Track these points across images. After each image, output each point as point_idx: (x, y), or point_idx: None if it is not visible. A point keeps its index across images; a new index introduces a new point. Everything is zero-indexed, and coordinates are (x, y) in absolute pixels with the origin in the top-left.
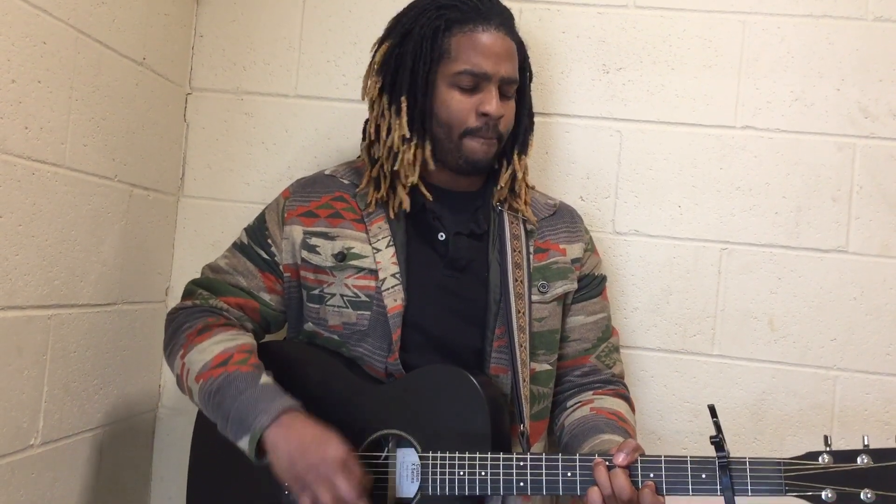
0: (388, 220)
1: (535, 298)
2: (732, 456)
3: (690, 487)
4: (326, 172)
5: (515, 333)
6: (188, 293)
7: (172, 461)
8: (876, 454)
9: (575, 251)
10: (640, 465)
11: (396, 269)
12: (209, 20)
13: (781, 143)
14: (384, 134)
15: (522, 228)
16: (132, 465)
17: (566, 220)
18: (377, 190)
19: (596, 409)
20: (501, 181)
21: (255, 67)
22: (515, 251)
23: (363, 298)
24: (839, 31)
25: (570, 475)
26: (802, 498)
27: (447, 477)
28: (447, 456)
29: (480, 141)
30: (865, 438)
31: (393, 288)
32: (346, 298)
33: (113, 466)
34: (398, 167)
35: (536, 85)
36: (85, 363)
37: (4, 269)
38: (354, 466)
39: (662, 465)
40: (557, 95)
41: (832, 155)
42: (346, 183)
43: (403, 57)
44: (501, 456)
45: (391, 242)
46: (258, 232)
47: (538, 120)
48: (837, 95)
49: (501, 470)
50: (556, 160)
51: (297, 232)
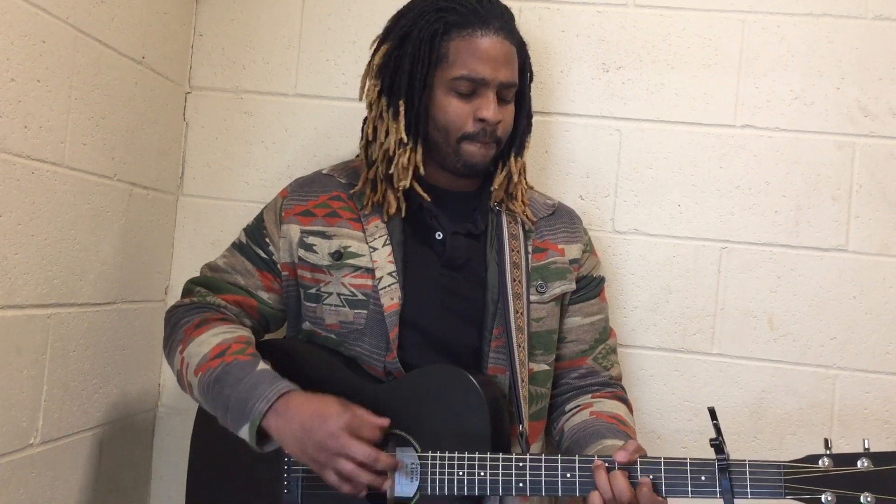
0: (384, 219)
1: (533, 298)
2: (732, 458)
3: (690, 489)
4: (324, 172)
5: (513, 333)
6: (187, 291)
7: (172, 460)
8: (876, 458)
9: (573, 252)
10: (639, 466)
11: (393, 267)
12: (208, 19)
13: (781, 141)
14: (381, 136)
15: (520, 228)
16: (132, 464)
17: (565, 220)
18: (373, 192)
19: (596, 413)
20: (496, 182)
21: (254, 66)
22: (514, 251)
23: (360, 297)
24: (839, 29)
25: (569, 476)
26: (802, 501)
27: (446, 477)
28: (446, 456)
29: (478, 146)
30: (866, 441)
31: (389, 287)
32: (342, 297)
33: (112, 465)
34: (392, 171)
35: (536, 84)
36: (84, 362)
37: (4, 268)
38: (360, 425)
39: (662, 466)
40: (557, 94)
41: (832, 154)
42: (343, 182)
43: (402, 60)
44: (501, 456)
45: (388, 241)
46: (256, 231)
47: (538, 119)
48: (837, 94)
49: (500, 470)
50: (555, 159)
51: (294, 231)
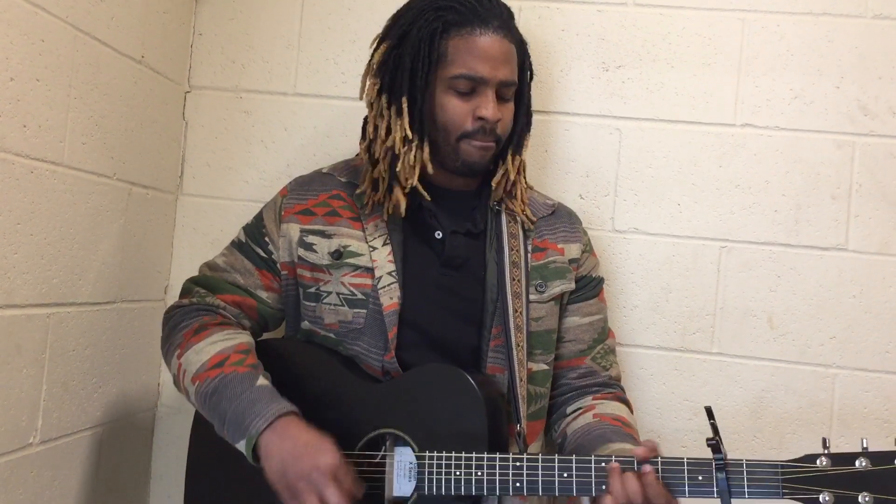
0: (384, 218)
1: (532, 298)
2: (730, 458)
3: (687, 489)
4: (324, 171)
5: (512, 333)
6: (186, 291)
7: (171, 459)
8: (874, 457)
9: (573, 251)
10: (634, 465)
11: (392, 267)
12: (208, 18)
13: (781, 140)
14: (382, 134)
15: (520, 228)
16: (131, 463)
17: (564, 220)
18: (375, 191)
19: (599, 415)
20: (495, 181)
21: (254, 65)
22: (513, 250)
23: (359, 296)
24: (838, 28)
25: (565, 476)
26: (800, 501)
27: (443, 476)
28: (444, 455)
29: (478, 144)
30: (864, 441)
31: (389, 286)
32: (342, 296)
33: (112, 465)
34: (399, 168)
35: (536, 83)
36: (84, 361)
37: (3, 267)
38: (346, 476)
39: (659, 465)
40: (557, 93)
41: (831, 153)
42: (343, 181)
43: (402, 58)
44: (498, 456)
45: (387, 241)
46: (256, 230)
47: (537, 118)
48: (837, 93)
49: (498, 470)
50: (555, 158)
51: (293, 230)
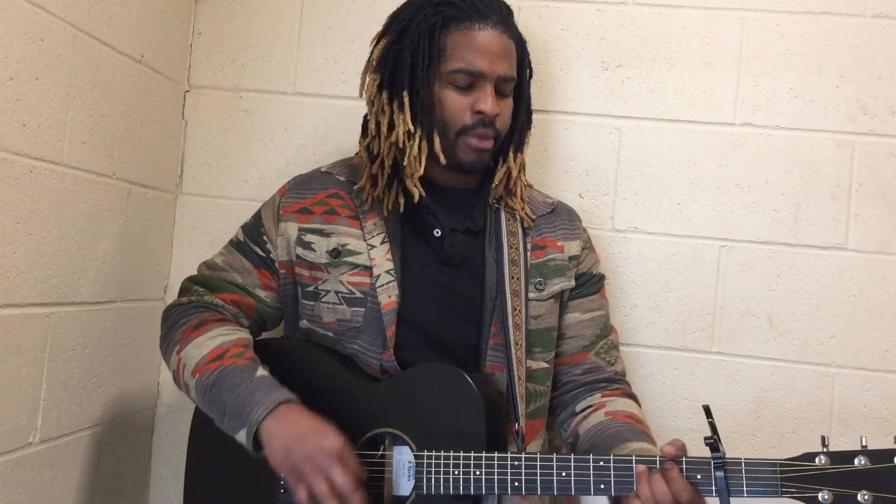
0: (383, 216)
1: (531, 296)
2: (728, 456)
3: None
4: (323, 169)
5: (511, 331)
6: (184, 290)
7: (171, 459)
8: (874, 455)
9: (573, 248)
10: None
11: (391, 265)
12: (207, 17)
13: (780, 140)
14: (384, 129)
15: (519, 226)
16: (131, 462)
17: (564, 218)
18: (374, 187)
19: (611, 413)
20: (497, 178)
21: (253, 65)
22: (512, 248)
23: (358, 295)
24: (838, 27)
25: (564, 475)
26: (799, 499)
27: (442, 476)
28: (442, 455)
29: (477, 138)
30: (863, 439)
31: (387, 284)
32: (340, 295)
33: (112, 464)
34: (406, 163)
35: (535, 82)
36: (83, 361)
37: (3, 266)
38: (351, 458)
39: (657, 465)
40: (556, 93)
41: (831, 152)
42: (342, 180)
43: (402, 53)
44: (496, 455)
45: (386, 239)
46: (254, 229)
47: (537, 117)
48: (836, 92)
49: (496, 469)
50: (555, 157)
51: (292, 228)
